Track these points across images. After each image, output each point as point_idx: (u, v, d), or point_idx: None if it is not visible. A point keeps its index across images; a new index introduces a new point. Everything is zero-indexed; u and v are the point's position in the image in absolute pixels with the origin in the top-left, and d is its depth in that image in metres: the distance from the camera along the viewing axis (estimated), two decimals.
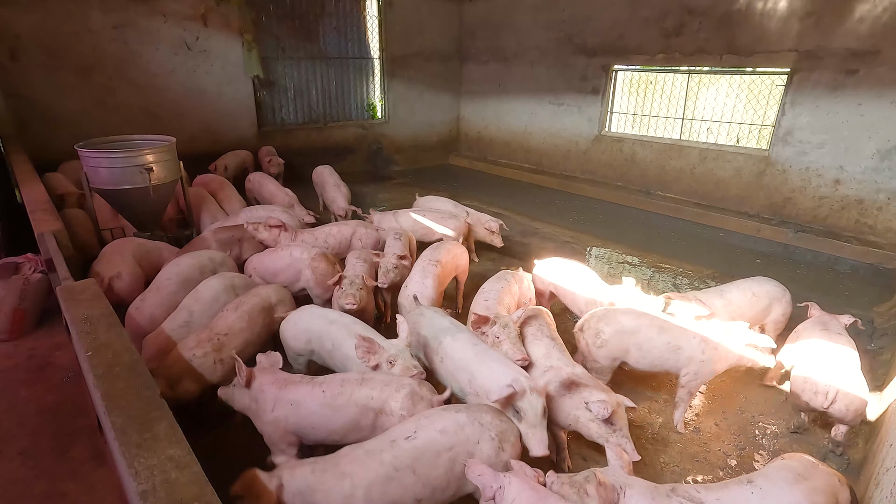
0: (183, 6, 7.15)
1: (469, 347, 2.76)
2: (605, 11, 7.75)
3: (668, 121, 7.77)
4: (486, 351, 2.73)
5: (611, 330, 3.09)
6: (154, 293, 3.52)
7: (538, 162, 9.35)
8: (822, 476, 2.05)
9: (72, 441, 2.89)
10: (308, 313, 3.18)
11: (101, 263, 3.80)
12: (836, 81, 5.73)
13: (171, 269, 3.69)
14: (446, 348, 2.81)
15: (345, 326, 2.99)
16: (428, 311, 3.17)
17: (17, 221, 4.75)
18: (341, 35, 8.84)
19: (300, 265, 3.95)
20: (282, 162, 7.54)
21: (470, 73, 10.24)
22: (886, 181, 5.59)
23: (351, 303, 3.39)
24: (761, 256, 6.00)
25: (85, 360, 2.05)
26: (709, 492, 2.03)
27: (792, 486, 1.98)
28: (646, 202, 7.46)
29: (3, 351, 3.74)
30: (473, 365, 2.65)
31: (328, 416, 2.41)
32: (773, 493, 1.97)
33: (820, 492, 1.97)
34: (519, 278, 3.80)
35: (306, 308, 3.25)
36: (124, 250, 4.00)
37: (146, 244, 4.25)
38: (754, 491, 1.99)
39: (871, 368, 3.76)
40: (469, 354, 2.72)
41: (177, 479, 1.44)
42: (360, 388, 2.46)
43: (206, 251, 4.03)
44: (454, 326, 2.97)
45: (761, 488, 1.99)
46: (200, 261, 3.81)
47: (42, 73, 6.44)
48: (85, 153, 4.41)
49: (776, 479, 2.03)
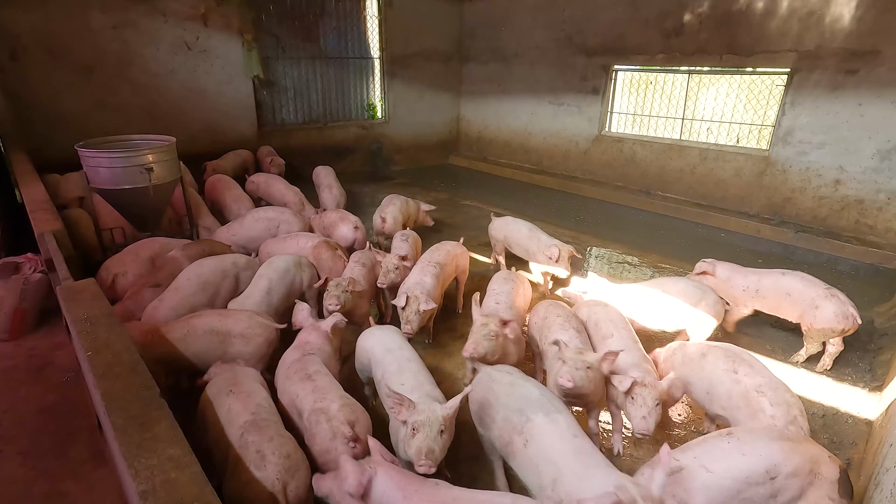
0: (183, 6, 7.15)
1: (568, 438, 2.15)
2: (605, 11, 7.75)
3: (668, 121, 7.77)
4: (589, 449, 2.11)
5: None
6: (172, 293, 3.50)
7: (538, 162, 9.35)
8: (809, 446, 2.14)
9: (72, 441, 2.89)
10: (376, 336, 3.01)
11: (114, 259, 3.96)
12: (836, 81, 5.73)
13: (194, 269, 3.68)
14: (536, 430, 2.21)
15: (396, 361, 2.74)
16: (512, 376, 2.56)
17: (16, 221, 4.75)
18: (341, 35, 8.84)
19: (305, 253, 4.18)
20: (283, 162, 7.53)
21: (470, 73, 10.24)
22: (886, 181, 5.59)
23: (334, 304, 3.39)
24: (761, 256, 6.00)
25: (85, 360, 2.05)
26: (684, 452, 2.14)
27: (771, 442, 2.10)
28: (646, 202, 7.46)
29: (3, 351, 3.74)
30: (566, 462, 2.07)
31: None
32: (750, 443, 2.09)
33: (798, 454, 2.06)
34: (522, 279, 3.80)
35: (378, 329, 3.10)
36: (141, 250, 4.11)
37: (171, 243, 4.32)
38: (731, 441, 2.12)
39: (871, 368, 3.76)
40: (566, 447, 2.12)
41: (177, 479, 1.45)
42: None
43: (231, 255, 4.05)
44: (548, 401, 2.36)
45: (739, 439, 2.12)
46: (223, 265, 3.79)
47: (42, 73, 6.44)
48: (85, 153, 4.41)
49: (759, 434, 2.17)
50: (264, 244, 4.52)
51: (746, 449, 2.09)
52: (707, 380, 2.81)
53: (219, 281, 3.67)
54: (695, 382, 2.88)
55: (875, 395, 3.46)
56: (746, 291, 3.93)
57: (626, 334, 3.15)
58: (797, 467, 2.04)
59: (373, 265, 4.12)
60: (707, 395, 2.81)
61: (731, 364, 2.75)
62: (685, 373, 2.93)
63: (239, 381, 2.52)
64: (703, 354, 2.90)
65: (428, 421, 2.20)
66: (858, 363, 3.84)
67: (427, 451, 2.14)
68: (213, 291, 3.62)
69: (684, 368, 2.95)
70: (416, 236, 4.83)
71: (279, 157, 7.59)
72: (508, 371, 2.63)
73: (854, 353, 3.95)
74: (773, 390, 2.56)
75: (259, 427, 2.19)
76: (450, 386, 3.48)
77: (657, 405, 2.57)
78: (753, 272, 4.00)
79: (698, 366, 2.88)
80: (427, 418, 2.21)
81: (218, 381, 2.55)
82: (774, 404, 2.50)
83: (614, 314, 3.36)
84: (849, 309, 3.49)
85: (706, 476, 2.04)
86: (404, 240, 4.58)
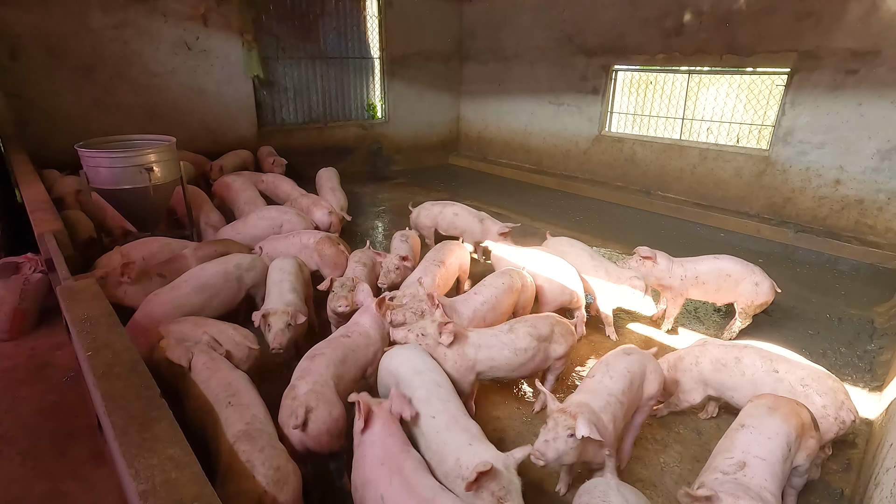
0: (183, 6, 7.15)
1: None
2: (605, 11, 7.75)
3: (668, 121, 7.77)
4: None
5: None
6: (168, 291, 3.54)
7: (538, 162, 9.35)
8: (786, 403, 2.37)
9: (72, 441, 2.89)
10: (401, 356, 2.75)
11: (105, 257, 3.95)
12: (836, 81, 5.73)
13: (195, 272, 3.69)
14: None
15: (423, 385, 2.50)
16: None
17: (17, 221, 4.75)
18: (341, 35, 8.84)
19: (308, 251, 4.30)
20: (285, 162, 7.48)
21: (470, 73, 10.24)
22: (886, 181, 5.59)
23: (343, 305, 3.36)
24: (761, 256, 5.98)
25: (85, 360, 2.05)
26: (727, 451, 2.20)
27: (771, 416, 2.29)
28: (646, 202, 7.46)
29: (3, 351, 3.74)
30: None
31: None
32: (764, 425, 2.25)
33: (790, 415, 2.29)
34: (521, 276, 3.80)
35: (402, 350, 2.83)
36: (133, 249, 4.10)
37: (172, 243, 4.33)
38: (752, 431, 2.25)
39: (871, 368, 3.77)
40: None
41: (177, 479, 1.45)
42: None
43: (234, 256, 4.01)
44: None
45: (755, 427, 2.26)
46: (226, 267, 3.78)
47: (42, 73, 6.44)
48: (85, 153, 4.40)
49: (760, 417, 2.31)
50: (266, 241, 4.53)
51: (766, 432, 2.21)
52: (750, 383, 2.76)
53: (220, 284, 3.68)
54: (737, 388, 2.82)
55: (875, 395, 3.46)
56: (685, 280, 3.98)
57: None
58: (795, 427, 2.25)
59: (373, 265, 4.12)
60: None
61: (769, 363, 2.75)
62: (722, 379, 2.87)
63: (238, 391, 2.51)
64: (738, 359, 2.84)
65: (513, 487, 1.97)
66: (858, 363, 3.84)
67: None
68: (211, 294, 3.62)
69: (720, 375, 2.88)
70: (416, 236, 4.84)
71: (280, 158, 7.57)
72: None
73: (854, 353, 3.95)
74: (816, 380, 2.62)
75: (252, 437, 2.16)
76: None
77: (570, 437, 2.15)
78: (687, 261, 4.07)
79: (737, 371, 2.82)
80: (510, 482, 1.97)
81: (215, 388, 2.52)
82: (822, 394, 2.57)
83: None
84: (773, 282, 3.89)
85: (763, 464, 2.09)
86: (404, 240, 4.58)
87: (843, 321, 4.46)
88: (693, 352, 3.05)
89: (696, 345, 3.12)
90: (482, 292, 3.52)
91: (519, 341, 2.91)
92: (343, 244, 4.48)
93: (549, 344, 3.02)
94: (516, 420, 3.19)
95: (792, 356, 2.83)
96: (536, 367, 3.02)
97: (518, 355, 2.89)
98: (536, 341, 2.94)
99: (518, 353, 2.89)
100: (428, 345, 2.84)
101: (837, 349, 4.03)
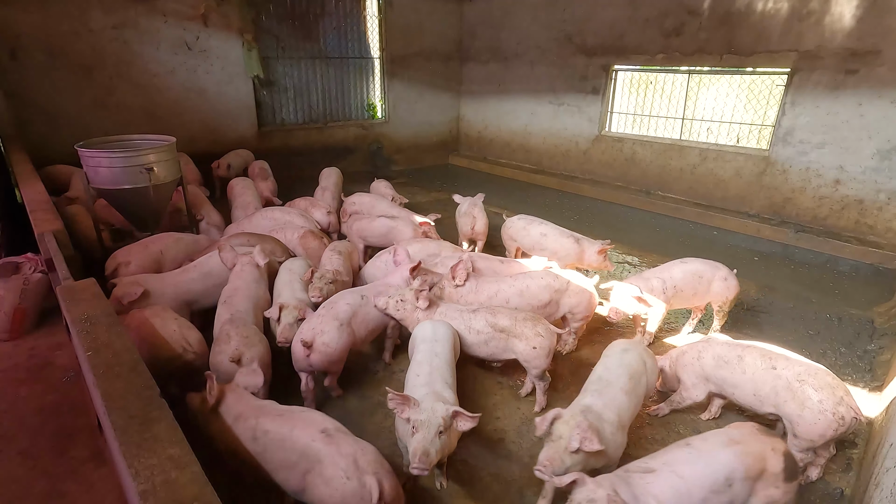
0: (183, 6, 7.15)
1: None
2: (605, 11, 7.75)
3: (668, 121, 7.77)
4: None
5: None
6: (173, 275, 3.77)
7: (538, 162, 9.35)
8: (756, 443, 2.23)
9: (72, 441, 2.89)
10: (423, 327, 3.09)
11: (123, 249, 4.07)
12: (836, 81, 5.73)
13: (203, 259, 3.94)
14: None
15: (423, 351, 2.86)
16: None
17: (17, 221, 4.75)
18: (341, 35, 8.83)
19: (293, 246, 4.47)
20: (275, 188, 6.73)
21: (470, 73, 10.23)
22: (886, 181, 5.59)
23: (316, 295, 3.49)
24: (761, 256, 6.00)
25: (85, 360, 2.05)
26: (654, 459, 2.21)
27: (724, 448, 2.20)
28: (646, 202, 7.46)
29: (3, 351, 3.74)
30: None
31: None
32: (707, 452, 2.19)
33: (749, 455, 2.17)
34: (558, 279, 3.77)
35: (428, 322, 3.15)
36: (151, 243, 4.20)
37: (185, 237, 4.46)
38: (691, 452, 2.21)
39: (871, 368, 3.77)
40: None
41: (177, 479, 1.44)
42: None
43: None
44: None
45: (698, 449, 2.22)
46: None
47: (42, 73, 6.44)
48: (85, 153, 4.40)
49: (712, 442, 2.25)
50: (353, 224, 4.91)
51: (705, 457, 2.16)
52: (752, 381, 2.78)
53: (224, 273, 3.79)
54: (739, 385, 2.84)
55: (875, 395, 3.46)
56: (667, 290, 3.75)
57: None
58: (748, 469, 2.14)
59: (349, 253, 4.25)
60: (754, 396, 2.79)
61: (769, 361, 2.76)
62: (724, 376, 2.88)
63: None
64: (741, 357, 2.85)
65: (428, 421, 2.18)
66: (858, 363, 3.84)
67: (422, 453, 2.10)
68: (217, 282, 3.76)
69: (722, 372, 2.89)
70: (353, 250, 4.49)
71: (272, 180, 6.82)
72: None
73: (854, 353, 3.96)
74: (813, 376, 2.61)
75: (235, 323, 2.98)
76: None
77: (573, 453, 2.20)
78: (658, 271, 3.90)
79: (739, 368, 2.83)
80: (427, 418, 2.19)
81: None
82: (818, 389, 2.55)
83: None
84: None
85: (676, 480, 2.07)
86: (337, 254, 4.21)
87: (843, 321, 4.46)
88: (696, 347, 3.08)
89: (699, 341, 3.14)
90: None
91: (475, 323, 3.19)
92: (326, 237, 4.60)
93: (510, 337, 3.13)
94: (516, 420, 3.19)
95: (794, 357, 2.83)
96: (494, 352, 3.22)
97: (471, 335, 3.19)
98: (492, 329, 3.16)
99: (471, 332, 3.19)
100: (406, 309, 3.21)
101: (837, 349, 4.03)
